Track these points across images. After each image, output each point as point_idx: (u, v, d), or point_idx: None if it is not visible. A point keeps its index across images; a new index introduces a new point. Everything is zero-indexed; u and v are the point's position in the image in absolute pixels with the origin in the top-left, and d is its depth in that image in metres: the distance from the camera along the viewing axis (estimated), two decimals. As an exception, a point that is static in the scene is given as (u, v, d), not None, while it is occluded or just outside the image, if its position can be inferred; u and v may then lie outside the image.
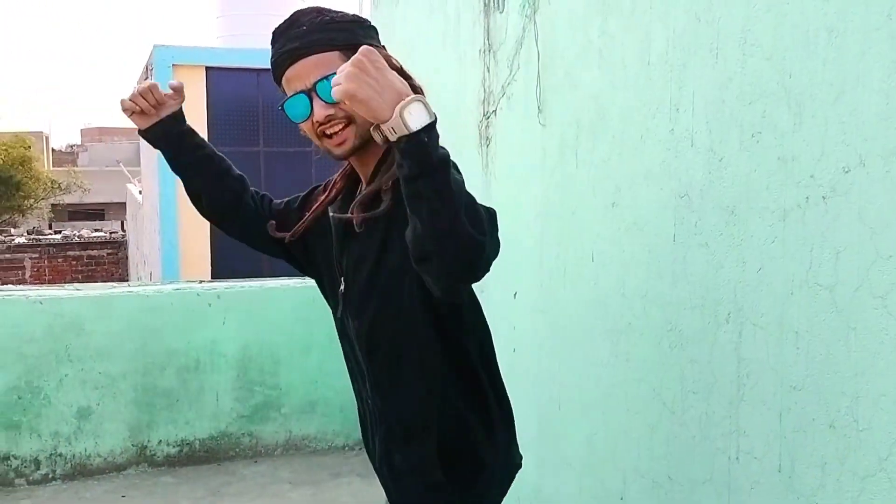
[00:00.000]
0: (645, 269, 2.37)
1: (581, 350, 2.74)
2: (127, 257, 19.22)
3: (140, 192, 17.06)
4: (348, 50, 1.48)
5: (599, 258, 2.63)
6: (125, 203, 21.42)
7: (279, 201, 1.99)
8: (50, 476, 4.34)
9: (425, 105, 1.24)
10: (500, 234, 1.46)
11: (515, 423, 1.81)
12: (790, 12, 1.73)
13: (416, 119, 1.23)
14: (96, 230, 22.23)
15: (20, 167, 25.78)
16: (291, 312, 4.70)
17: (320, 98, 1.56)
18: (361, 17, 1.68)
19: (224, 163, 1.95)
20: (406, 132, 1.23)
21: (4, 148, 25.59)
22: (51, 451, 4.34)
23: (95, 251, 19.34)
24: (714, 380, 2.03)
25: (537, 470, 3.05)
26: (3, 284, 19.44)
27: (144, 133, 1.89)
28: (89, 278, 18.44)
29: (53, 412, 4.32)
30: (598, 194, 2.61)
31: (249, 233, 1.96)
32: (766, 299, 1.82)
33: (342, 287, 1.72)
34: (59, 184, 27.73)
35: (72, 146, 51.22)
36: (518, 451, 1.83)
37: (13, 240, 19.73)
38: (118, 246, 19.67)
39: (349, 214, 1.66)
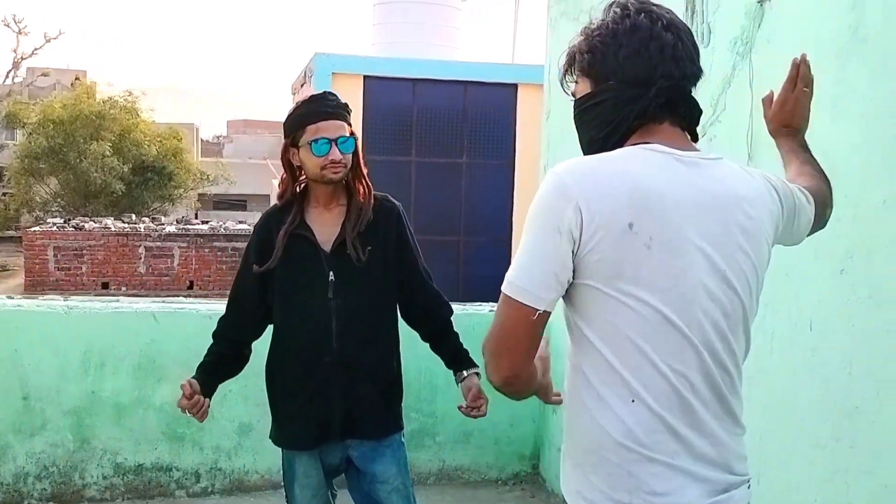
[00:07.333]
0: (881, 348, 2.11)
1: (791, 426, 2.49)
2: (269, 251, 19.72)
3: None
4: (347, 123, 2.54)
5: (819, 328, 2.38)
6: (269, 196, 21.95)
7: (252, 272, 2.62)
8: (209, 490, 4.39)
9: None
10: None
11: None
12: None
13: None
14: (240, 221, 22.86)
15: (173, 158, 26.96)
16: (449, 338, 4.59)
17: (338, 148, 2.48)
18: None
19: (237, 352, 2.84)
20: None
21: (159, 139, 26.82)
22: (211, 465, 4.39)
23: (241, 243, 19.94)
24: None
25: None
26: (153, 272, 20.35)
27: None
28: (233, 270, 19.03)
29: (216, 426, 4.36)
30: (823, 258, 2.36)
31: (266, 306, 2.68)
32: None
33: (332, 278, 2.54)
34: (208, 175, 28.85)
35: (218, 137, 53.38)
36: None
37: (164, 228, 20.62)
38: (262, 240, 20.20)
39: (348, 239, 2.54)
